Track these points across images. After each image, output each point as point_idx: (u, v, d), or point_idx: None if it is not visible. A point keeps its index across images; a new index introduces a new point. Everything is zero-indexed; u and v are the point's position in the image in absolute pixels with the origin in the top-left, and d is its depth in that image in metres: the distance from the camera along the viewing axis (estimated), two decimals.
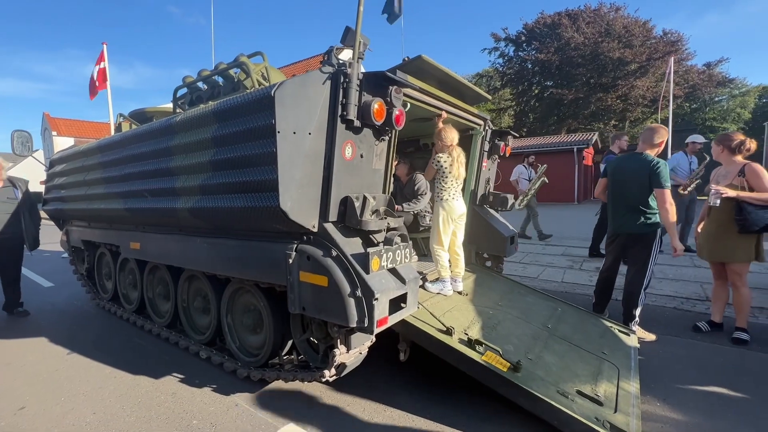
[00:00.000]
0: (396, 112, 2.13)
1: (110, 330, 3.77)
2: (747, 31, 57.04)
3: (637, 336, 3.07)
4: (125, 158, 3.11)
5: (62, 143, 22.19)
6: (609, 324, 3.16)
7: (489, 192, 4.02)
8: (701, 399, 2.36)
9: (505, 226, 3.88)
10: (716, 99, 28.02)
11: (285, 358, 2.67)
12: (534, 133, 24.84)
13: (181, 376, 2.77)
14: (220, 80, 3.00)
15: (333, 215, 2.07)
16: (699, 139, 5.92)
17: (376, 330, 1.94)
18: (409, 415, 2.26)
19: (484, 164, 3.83)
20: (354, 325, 1.92)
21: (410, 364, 2.62)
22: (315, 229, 2.05)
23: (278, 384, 2.61)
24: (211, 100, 2.77)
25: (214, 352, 2.93)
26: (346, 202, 2.10)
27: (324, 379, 2.18)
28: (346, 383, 2.53)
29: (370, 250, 1.95)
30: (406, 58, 2.54)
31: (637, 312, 3.21)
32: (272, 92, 1.83)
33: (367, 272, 1.92)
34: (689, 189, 5.52)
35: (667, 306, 3.98)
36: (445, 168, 2.96)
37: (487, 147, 3.80)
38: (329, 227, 2.05)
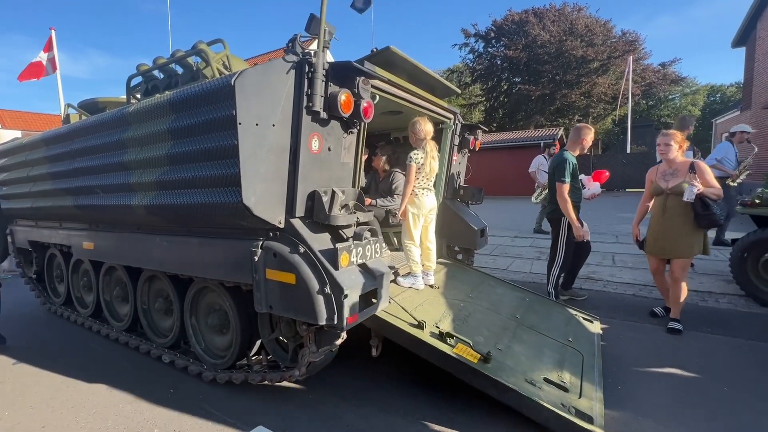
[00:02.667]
0: (364, 104, 2.08)
1: (63, 336, 3.52)
2: (696, 34, 60.85)
3: (599, 323, 3.20)
4: (74, 152, 2.90)
5: (8, 136, 20.54)
6: (573, 312, 3.28)
7: (460, 185, 4.06)
8: (658, 380, 2.49)
9: (476, 219, 3.93)
10: (670, 97, 29.72)
11: (253, 358, 2.59)
12: (503, 128, 25.41)
13: (142, 382, 2.62)
14: (179, 69, 2.83)
15: (300, 210, 2.01)
16: (747, 128, 5.70)
17: (347, 327, 1.91)
18: (381, 410, 2.24)
19: (454, 158, 3.85)
20: (323, 322, 1.87)
21: (383, 359, 2.60)
22: (281, 225, 1.98)
23: (246, 386, 2.52)
24: (168, 90, 2.61)
25: (177, 356, 2.80)
26: (313, 197, 2.04)
27: (294, 379, 2.12)
28: (317, 382, 2.48)
29: (339, 245, 1.91)
30: (375, 49, 2.49)
31: (550, 288, 3.67)
32: (232, 81, 1.74)
33: (336, 268, 1.88)
34: (738, 180, 5.18)
35: (626, 293, 4.18)
36: (420, 164, 2.94)
37: (457, 141, 3.82)
38: (296, 223, 1.99)
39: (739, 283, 3.76)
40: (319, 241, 1.98)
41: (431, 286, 3.11)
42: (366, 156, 4.06)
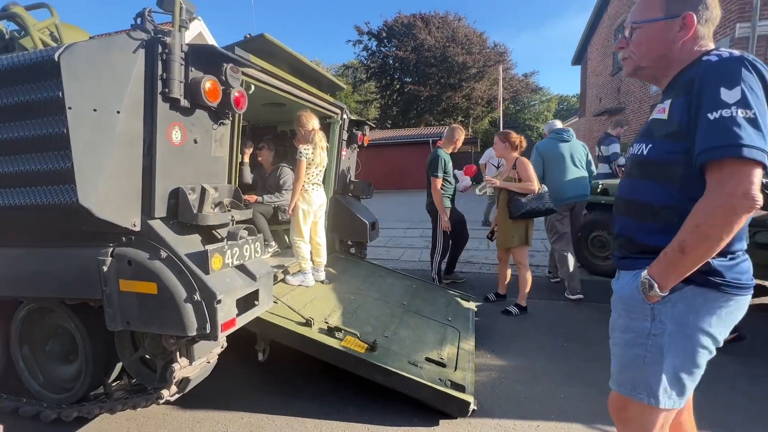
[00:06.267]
0: (235, 93, 1.92)
1: None
2: (549, 50, 72.89)
3: (474, 301, 3.59)
4: None
5: None
6: (453, 294, 3.63)
7: (350, 180, 4.11)
8: (517, 344, 2.92)
9: (367, 212, 4.03)
10: (531, 103, 35.05)
11: (114, 384, 2.23)
12: (397, 126, 26.64)
13: None
14: None
15: (160, 210, 1.77)
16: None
17: (222, 334, 1.76)
18: (269, 416, 2.15)
19: (343, 153, 3.87)
20: (194, 333, 1.70)
21: (272, 363, 2.50)
22: (136, 228, 1.72)
23: (104, 418, 2.16)
24: None
25: (3, 397, 2.23)
26: (177, 195, 1.82)
27: (163, 400, 1.88)
28: (194, 398, 2.25)
29: (210, 247, 1.74)
30: (248, 36, 2.33)
31: (433, 274, 4.03)
32: (56, 56, 1.43)
33: (207, 272, 1.71)
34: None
35: (495, 273, 4.77)
36: (311, 159, 2.88)
37: (345, 136, 3.85)
38: (156, 224, 1.75)
39: (577, 257, 4.63)
40: (186, 244, 1.78)
41: (322, 282, 3.09)
42: (251, 150, 3.83)
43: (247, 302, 1.94)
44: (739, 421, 1.98)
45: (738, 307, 1.02)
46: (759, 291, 3.64)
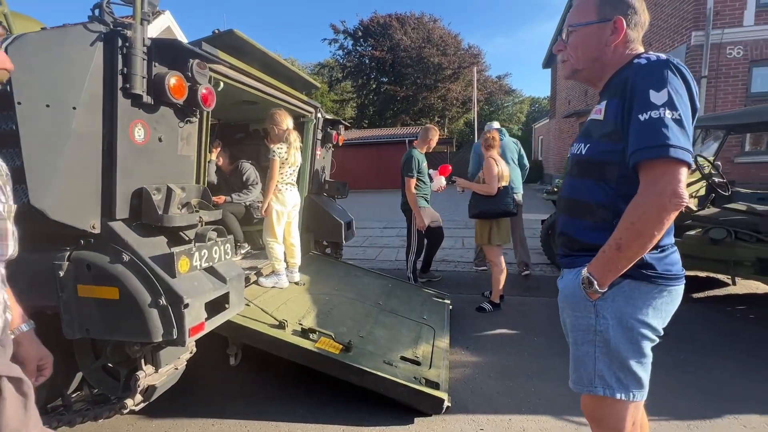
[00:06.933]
0: (202, 90, 1.86)
1: None
2: (522, 53, 74.98)
3: (449, 299, 3.63)
4: None
5: None
6: (429, 292, 3.66)
7: (325, 180, 4.07)
8: (491, 340, 2.98)
9: (342, 212, 4.01)
10: (505, 105, 35.87)
11: (74, 396, 2.11)
12: (374, 125, 26.67)
13: None
14: None
15: (122, 212, 1.69)
16: None
17: (190, 339, 1.70)
18: (241, 422, 2.10)
19: (318, 152, 3.83)
20: (159, 339, 1.63)
21: (245, 367, 2.44)
22: (96, 230, 1.63)
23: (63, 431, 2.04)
24: None
25: None
26: (140, 195, 1.74)
27: (127, 410, 1.80)
28: (162, 407, 2.17)
29: (176, 249, 1.68)
30: (216, 31, 2.27)
31: (409, 273, 4.02)
32: (2, 46, 1.33)
33: (173, 276, 1.65)
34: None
35: (472, 270, 4.87)
36: (284, 158, 2.83)
37: (319, 135, 3.81)
38: (117, 226, 1.67)
39: (546, 254, 4.78)
40: (150, 246, 1.70)
41: (297, 284, 3.05)
42: (219, 149, 3.73)
43: (217, 305, 1.89)
44: (691, 406, 2.10)
45: (672, 298, 1.07)
46: (711, 284, 3.89)
